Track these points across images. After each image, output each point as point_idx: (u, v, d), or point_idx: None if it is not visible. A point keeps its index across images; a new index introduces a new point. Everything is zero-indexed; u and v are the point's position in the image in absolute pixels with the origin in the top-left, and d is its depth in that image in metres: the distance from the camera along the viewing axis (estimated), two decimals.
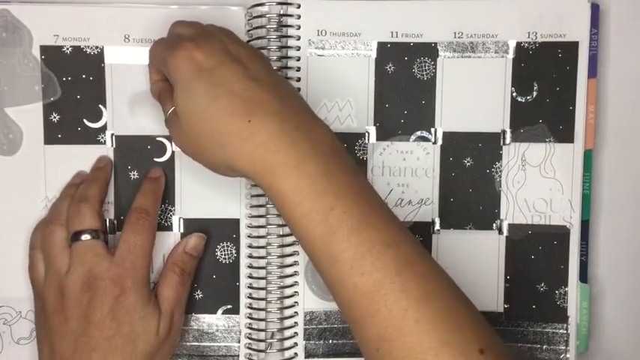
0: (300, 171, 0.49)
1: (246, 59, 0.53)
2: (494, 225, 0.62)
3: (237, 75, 0.51)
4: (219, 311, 0.63)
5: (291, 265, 0.62)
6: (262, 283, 0.62)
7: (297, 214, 0.49)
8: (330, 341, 0.63)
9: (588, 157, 0.62)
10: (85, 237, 0.56)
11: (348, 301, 0.49)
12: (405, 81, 0.62)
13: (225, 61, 0.52)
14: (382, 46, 0.62)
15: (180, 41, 0.53)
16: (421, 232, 0.62)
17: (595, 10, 0.61)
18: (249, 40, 0.61)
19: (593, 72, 0.62)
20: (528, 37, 0.61)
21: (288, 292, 0.62)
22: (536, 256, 0.62)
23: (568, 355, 0.63)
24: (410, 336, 0.47)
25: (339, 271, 0.49)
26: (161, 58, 0.55)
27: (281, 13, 0.61)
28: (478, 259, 0.63)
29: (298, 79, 0.61)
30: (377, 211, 0.50)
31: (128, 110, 0.62)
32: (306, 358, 0.63)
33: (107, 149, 0.62)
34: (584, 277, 0.63)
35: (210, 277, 0.63)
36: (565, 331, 0.63)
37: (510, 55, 0.61)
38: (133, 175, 0.62)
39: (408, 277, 0.48)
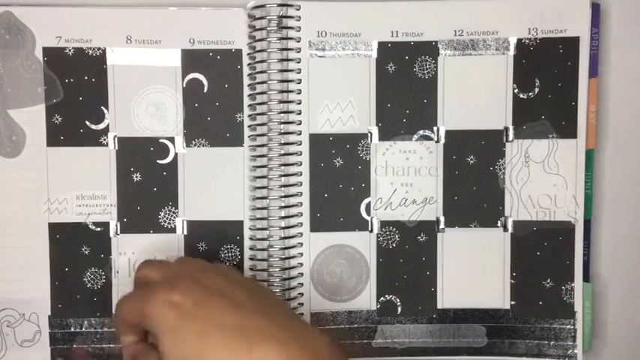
0: None
1: (224, 287, 0.52)
2: (498, 222, 0.62)
3: (221, 308, 0.50)
4: None
5: (295, 267, 0.62)
6: (265, 285, 0.62)
7: None
8: (338, 342, 0.62)
9: (590, 157, 0.62)
10: None
11: None
12: (406, 80, 0.62)
13: (205, 297, 0.50)
14: (383, 46, 0.62)
15: (153, 287, 0.52)
16: (426, 230, 0.62)
17: (596, 9, 0.61)
18: (250, 42, 0.61)
19: (594, 71, 0.62)
20: (529, 33, 0.61)
21: (292, 293, 0.62)
22: (542, 252, 0.62)
23: (576, 351, 0.62)
24: None
25: None
26: (137, 312, 0.52)
27: (281, 14, 0.61)
28: (483, 256, 0.62)
29: (299, 81, 0.61)
30: None
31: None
32: None
33: (109, 151, 0.62)
34: (586, 276, 0.63)
35: None
36: (572, 327, 0.62)
37: (511, 52, 0.61)
38: (136, 177, 0.62)
39: None
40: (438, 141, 0.62)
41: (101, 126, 0.62)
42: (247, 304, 0.50)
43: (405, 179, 0.62)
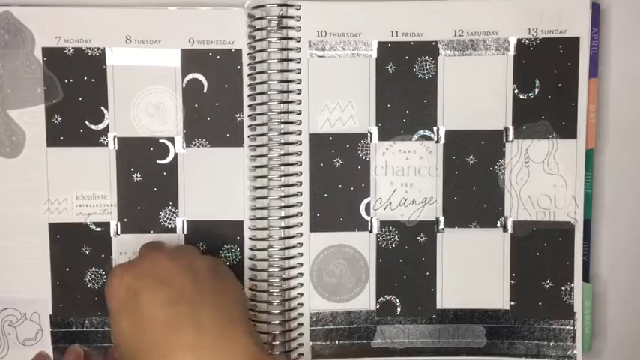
0: None
1: (174, 275, 0.53)
2: (498, 222, 0.62)
3: (159, 301, 0.51)
4: None
5: (294, 267, 0.62)
6: (265, 285, 0.62)
7: None
8: (337, 342, 0.63)
9: (590, 157, 0.62)
10: None
11: None
12: (406, 80, 0.62)
13: (150, 285, 0.52)
14: (383, 46, 0.62)
15: (114, 269, 0.55)
16: (426, 231, 0.62)
17: (595, 9, 0.61)
18: (250, 42, 0.61)
19: (593, 71, 0.62)
20: (529, 33, 0.61)
21: (292, 293, 0.62)
22: (542, 252, 0.62)
23: (575, 351, 0.62)
24: None
25: None
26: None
27: (281, 14, 0.61)
28: (483, 256, 0.62)
29: (299, 81, 0.61)
30: None
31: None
32: (313, 358, 0.62)
33: (109, 151, 0.62)
34: (586, 276, 0.63)
35: None
36: (572, 327, 0.62)
37: (511, 52, 0.61)
38: (136, 177, 0.62)
39: None
40: (437, 141, 0.62)
41: (101, 126, 0.62)
42: (186, 297, 0.52)
43: (405, 179, 0.62)
